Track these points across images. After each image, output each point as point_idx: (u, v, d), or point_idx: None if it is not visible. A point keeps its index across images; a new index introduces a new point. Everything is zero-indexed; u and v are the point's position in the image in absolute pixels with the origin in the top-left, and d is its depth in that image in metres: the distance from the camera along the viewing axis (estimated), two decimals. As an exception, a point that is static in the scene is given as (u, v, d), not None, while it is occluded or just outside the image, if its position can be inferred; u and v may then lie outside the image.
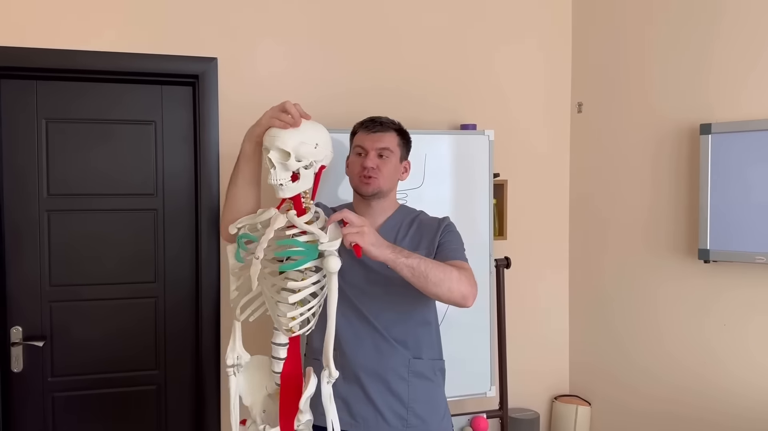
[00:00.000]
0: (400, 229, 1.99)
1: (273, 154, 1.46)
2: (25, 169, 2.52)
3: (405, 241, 1.95)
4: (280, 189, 1.46)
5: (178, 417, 2.72)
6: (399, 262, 1.66)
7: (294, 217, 1.46)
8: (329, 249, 1.45)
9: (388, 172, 1.95)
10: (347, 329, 1.92)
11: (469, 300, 1.78)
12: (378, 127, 1.97)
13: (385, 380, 1.92)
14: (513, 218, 2.95)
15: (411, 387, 1.94)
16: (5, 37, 2.37)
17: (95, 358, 2.61)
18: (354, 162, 1.99)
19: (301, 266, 1.46)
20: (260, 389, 1.65)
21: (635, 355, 2.77)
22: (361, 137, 1.99)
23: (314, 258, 1.46)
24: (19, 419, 2.55)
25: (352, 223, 1.56)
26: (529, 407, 3.00)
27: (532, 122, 3.03)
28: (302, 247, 1.45)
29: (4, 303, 2.50)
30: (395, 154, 1.98)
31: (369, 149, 1.94)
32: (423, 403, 1.96)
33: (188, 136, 2.68)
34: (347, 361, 1.92)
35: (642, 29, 2.72)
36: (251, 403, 1.65)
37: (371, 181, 1.92)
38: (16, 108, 2.50)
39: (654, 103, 2.67)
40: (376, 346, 1.92)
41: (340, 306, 1.85)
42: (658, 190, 2.66)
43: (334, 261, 1.45)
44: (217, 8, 2.59)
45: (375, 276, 1.89)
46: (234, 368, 1.63)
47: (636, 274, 2.76)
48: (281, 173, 1.45)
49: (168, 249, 2.68)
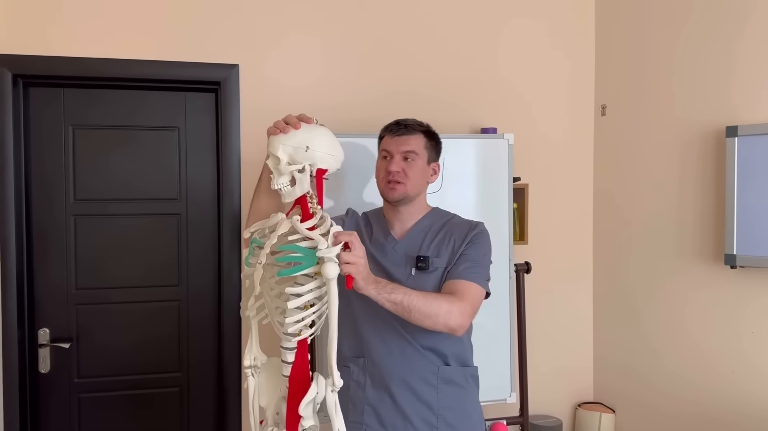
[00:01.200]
0: (428, 234, 1.94)
1: (269, 160, 1.49)
2: (52, 174, 2.58)
3: (430, 248, 1.91)
4: (281, 194, 1.49)
5: (200, 419, 2.75)
6: (381, 297, 1.65)
7: (296, 223, 1.47)
8: (327, 255, 1.44)
9: (414, 175, 1.91)
10: (374, 336, 1.90)
11: (458, 331, 1.76)
12: (403, 130, 1.93)
13: (413, 387, 1.89)
14: (534, 222, 2.92)
15: (440, 394, 1.90)
16: (33, 47, 2.44)
17: (119, 360, 2.66)
18: (380, 166, 1.96)
19: (298, 272, 1.45)
20: (275, 391, 1.66)
21: (660, 362, 2.72)
22: (387, 141, 1.95)
23: (313, 264, 1.46)
24: (47, 419, 2.61)
25: (354, 248, 1.53)
26: (551, 414, 2.97)
27: (554, 125, 3.00)
28: (302, 253, 1.45)
29: (32, 306, 2.57)
30: (421, 157, 1.93)
31: (394, 153, 1.91)
32: (453, 410, 1.92)
33: (211, 141, 2.72)
34: (375, 368, 1.91)
35: (666, 30, 2.68)
36: (267, 404, 1.66)
37: (397, 185, 1.89)
38: (43, 115, 2.57)
39: (679, 105, 2.62)
40: (404, 353, 1.89)
41: (367, 314, 1.87)
42: (684, 194, 2.60)
43: (332, 268, 1.44)
44: (238, 16, 2.62)
45: (400, 284, 1.83)
46: (251, 369, 1.65)
47: (661, 280, 2.71)
48: (279, 178, 1.48)
49: (191, 253, 2.72)
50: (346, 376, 1.97)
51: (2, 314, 2.42)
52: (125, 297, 2.66)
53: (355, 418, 1.93)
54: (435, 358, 1.91)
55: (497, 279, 2.53)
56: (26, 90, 2.52)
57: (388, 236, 1.96)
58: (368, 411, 1.92)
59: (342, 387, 1.97)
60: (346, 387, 1.96)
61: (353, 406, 1.94)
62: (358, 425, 1.93)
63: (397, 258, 1.92)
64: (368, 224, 2.04)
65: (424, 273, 1.88)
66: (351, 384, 1.95)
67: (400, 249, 1.93)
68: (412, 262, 1.90)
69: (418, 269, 1.89)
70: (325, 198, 2.44)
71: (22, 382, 2.48)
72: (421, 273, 1.88)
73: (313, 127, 1.60)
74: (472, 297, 1.81)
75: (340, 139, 2.38)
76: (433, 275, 1.88)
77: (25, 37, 2.43)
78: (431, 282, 1.87)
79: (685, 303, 2.60)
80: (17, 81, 2.46)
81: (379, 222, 2.01)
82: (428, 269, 1.88)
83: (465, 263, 1.86)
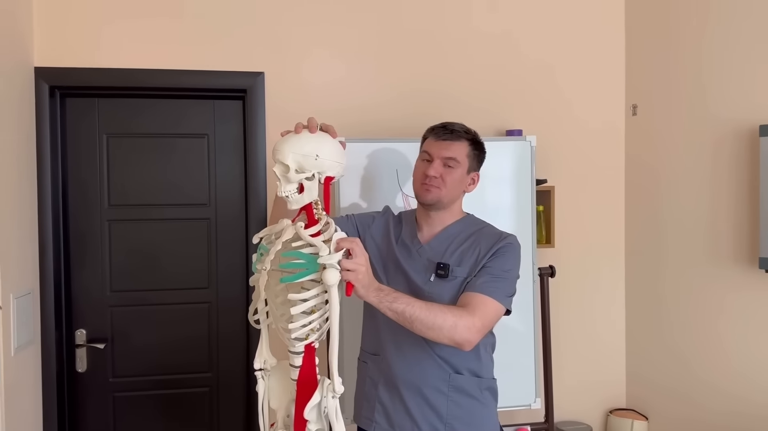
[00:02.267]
0: (454, 241, 1.89)
1: (276, 167, 1.50)
2: (87, 181, 2.69)
3: (453, 256, 1.86)
4: (288, 201, 1.50)
5: (229, 419, 2.81)
6: (383, 306, 1.61)
7: (300, 229, 1.49)
8: (329, 262, 1.45)
9: (452, 182, 1.86)
10: (390, 337, 1.89)
11: (464, 346, 1.69)
12: (448, 135, 1.87)
13: (424, 393, 1.87)
14: (562, 225, 2.87)
15: (450, 403, 1.87)
16: (68, 59, 2.55)
17: (152, 360, 2.75)
18: (418, 167, 1.92)
19: (300, 278, 1.47)
20: (286, 393, 1.68)
21: (694, 367, 2.64)
22: (430, 143, 1.90)
23: (315, 270, 1.46)
24: (84, 417, 2.71)
25: (355, 255, 1.51)
26: (582, 420, 2.91)
27: (584, 126, 2.95)
28: (304, 259, 1.47)
29: (69, 308, 2.68)
30: (462, 165, 1.87)
31: (435, 157, 1.86)
32: (464, 421, 1.88)
33: (238, 147, 2.78)
34: (389, 370, 1.90)
35: (697, 27, 2.60)
36: (277, 406, 1.68)
37: (432, 189, 1.85)
38: (79, 124, 2.68)
39: (711, 103, 2.54)
40: (417, 359, 1.86)
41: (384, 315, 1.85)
42: (717, 196, 2.52)
43: (333, 274, 1.45)
44: (262, 24, 2.68)
45: (417, 289, 1.83)
46: (261, 372, 1.67)
47: (695, 284, 2.63)
48: (286, 185, 1.49)
49: (220, 256, 2.78)
50: (363, 371, 2.02)
51: (41, 316, 2.53)
52: (157, 299, 2.75)
53: (367, 414, 1.96)
54: (447, 366, 1.87)
55: (521, 283, 2.51)
56: (63, 100, 2.64)
57: (415, 239, 1.94)
58: (379, 410, 1.93)
59: (360, 380, 2.02)
60: (362, 381, 2.01)
61: (366, 402, 1.97)
62: (368, 421, 1.95)
63: (419, 262, 1.90)
64: (400, 224, 2.01)
65: (443, 281, 1.84)
66: (367, 380, 1.98)
67: (423, 254, 1.91)
68: (433, 268, 1.86)
69: (437, 276, 1.85)
70: (360, 199, 2.49)
71: (60, 381, 2.59)
72: (439, 281, 1.85)
73: (321, 135, 1.61)
74: (485, 313, 1.72)
75: (368, 145, 2.44)
76: (452, 284, 1.84)
77: (60, 50, 2.54)
78: (449, 291, 1.83)
79: (720, 308, 2.52)
80: (54, 92, 2.57)
81: (410, 224, 1.98)
82: (447, 277, 1.84)
83: (485, 276, 1.79)
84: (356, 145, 2.46)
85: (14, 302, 2.26)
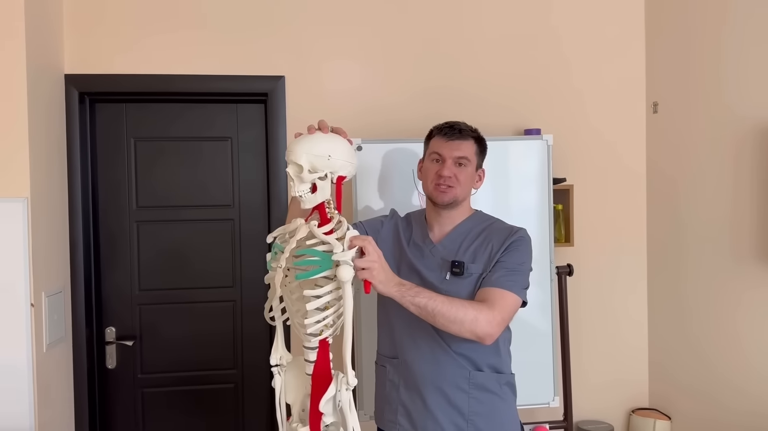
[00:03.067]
0: (466, 239, 1.92)
1: (290, 167, 1.54)
2: (116, 183, 2.78)
3: (467, 253, 1.89)
4: (301, 200, 1.54)
5: (254, 414, 2.88)
6: (405, 300, 1.65)
7: (314, 228, 1.53)
8: (342, 258, 1.49)
9: (465, 181, 1.90)
10: (407, 338, 1.91)
11: (485, 340, 1.71)
12: (457, 135, 1.90)
13: (445, 391, 1.88)
14: (582, 224, 2.87)
15: (472, 400, 1.88)
16: (98, 66, 2.64)
17: (179, 357, 2.83)
18: (429, 168, 1.93)
19: (315, 275, 1.51)
20: (301, 388, 1.71)
21: (718, 367, 2.60)
22: (439, 143, 1.92)
23: (329, 267, 1.50)
24: (114, 412, 2.81)
25: (368, 253, 1.54)
26: (604, 419, 2.90)
27: (604, 124, 2.94)
28: (318, 257, 1.51)
29: (100, 306, 2.77)
30: (472, 163, 1.92)
31: (447, 157, 1.88)
32: (485, 417, 1.89)
33: (261, 150, 2.85)
34: (408, 370, 1.92)
35: (717, 23, 2.58)
36: (293, 401, 1.71)
37: (448, 190, 1.88)
38: (108, 129, 2.78)
39: (733, 100, 2.51)
40: (435, 357, 1.88)
41: (400, 316, 1.88)
42: (739, 193, 2.49)
43: (347, 271, 1.49)
44: (283, 29, 2.74)
45: (434, 288, 1.83)
46: (278, 368, 1.72)
47: (718, 282, 2.60)
48: (299, 185, 1.53)
49: (244, 255, 2.85)
50: (382, 375, 2.03)
51: (72, 314, 2.62)
52: (184, 297, 2.83)
53: (389, 417, 1.98)
54: (467, 364, 1.88)
55: (539, 281, 2.53)
56: (92, 106, 2.74)
57: (426, 239, 1.96)
58: (401, 412, 1.94)
59: (379, 385, 2.04)
60: (382, 385, 2.02)
61: (388, 405, 1.98)
62: (392, 424, 1.97)
63: (433, 262, 1.92)
64: (409, 225, 2.04)
65: (459, 279, 1.87)
66: (387, 383, 1.99)
67: (436, 253, 1.93)
68: (448, 267, 1.89)
69: (452, 274, 1.87)
70: (379, 199, 2.54)
71: (90, 377, 2.68)
72: (455, 279, 1.87)
73: (333, 135, 1.65)
74: (504, 306, 1.76)
75: (385, 145, 2.48)
76: (468, 281, 1.86)
77: (89, 58, 2.64)
78: (466, 288, 1.86)
79: (743, 307, 2.49)
80: (83, 98, 2.67)
81: (420, 224, 2.01)
82: (463, 275, 1.86)
83: (500, 270, 1.82)
84: (374, 146, 2.50)
85: (46, 300, 2.36)
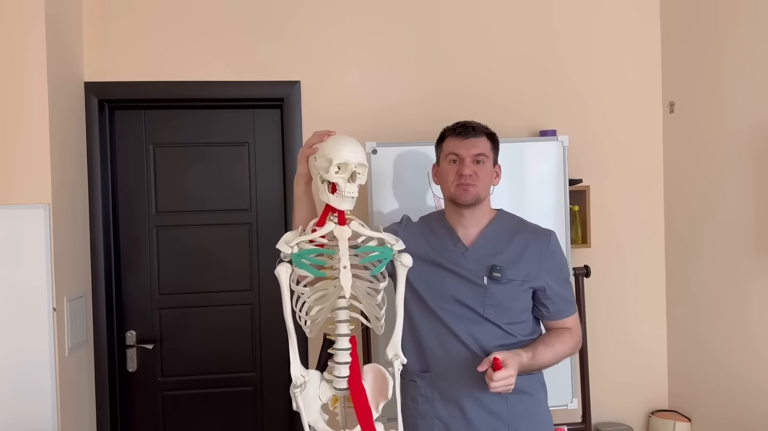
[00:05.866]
0: (499, 240, 1.91)
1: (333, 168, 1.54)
2: (136, 189, 2.82)
3: (503, 256, 1.87)
4: (348, 201, 1.54)
5: (273, 417, 2.90)
6: (534, 369, 1.83)
7: (359, 227, 1.57)
8: (401, 247, 1.59)
9: (485, 178, 1.89)
10: (438, 349, 1.89)
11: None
12: (471, 133, 1.90)
13: (482, 400, 1.85)
14: (599, 225, 2.85)
15: (510, 405, 1.86)
16: (117, 74, 2.69)
17: (198, 360, 2.86)
18: (447, 170, 1.91)
19: (382, 268, 1.57)
20: (315, 401, 1.66)
21: (739, 368, 2.57)
22: (454, 143, 1.90)
23: (390, 257, 1.57)
24: (135, 414, 2.84)
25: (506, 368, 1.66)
26: (623, 421, 2.88)
27: (620, 125, 2.93)
28: (378, 251, 1.56)
29: (120, 310, 2.81)
30: (490, 159, 1.91)
31: (465, 156, 1.87)
32: (525, 420, 1.88)
33: (277, 154, 2.87)
34: (442, 382, 1.89)
35: (734, 21, 2.56)
36: (314, 419, 1.59)
37: (470, 188, 1.85)
38: (127, 135, 2.82)
39: (750, 99, 2.49)
40: (469, 366, 1.80)
41: (429, 327, 1.89)
42: (758, 192, 2.46)
43: (408, 257, 1.60)
44: (297, 34, 2.76)
45: (475, 292, 1.86)
46: (300, 389, 1.57)
47: (737, 282, 2.57)
48: (350, 186, 1.54)
49: (261, 259, 2.88)
50: (412, 390, 1.95)
51: (93, 317, 2.67)
52: (203, 301, 2.86)
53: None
54: None
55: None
56: (111, 113, 2.78)
57: (458, 242, 1.92)
58: (438, 425, 1.89)
59: (410, 400, 1.95)
60: (413, 401, 1.95)
61: (422, 420, 1.92)
62: None
63: (467, 267, 1.89)
64: (431, 231, 1.99)
65: (498, 284, 1.85)
66: (419, 398, 1.93)
67: (470, 257, 1.89)
68: (485, 271, 1.87)
69: (491, 279, 1.85)
70: (393, 202, 2.56)
71: (111, 380, 2.72)
72: (494, 284, 1.86)
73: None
74: (578, 324, 1.99)
75: (399, 149, 2.50)
76: (508, 287, 1.86)
77: (108, 66, 2.68)
78: (507, 294, 1.86)
79: (763, 308, 2.46)
80: (103, 105, 2.71)
81: (445, 228, 1.96)
82: (502, 280, 1.85)
83: (563, 298, 1.93)
84: (388, 149, 2.52)
85: (68, 304, 2.40)
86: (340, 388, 1.59)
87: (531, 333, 1.93)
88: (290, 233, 1.66)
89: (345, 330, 1.57)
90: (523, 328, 1.91)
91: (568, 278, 1.98)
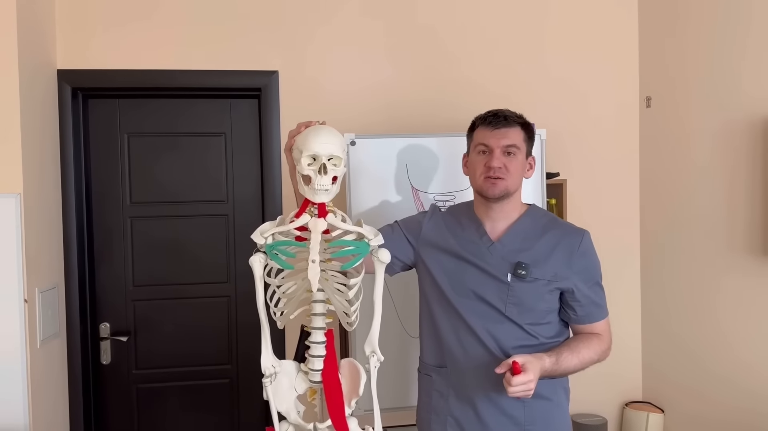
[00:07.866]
0: (527, 237, 1.83)
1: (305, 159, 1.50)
2: (110, 179, 2.78)
3: (529, 254, 1.80)
4: (322, 194, 1.49)
5: (249, 409, 2.88)
6: (557, 374, 1.74)
7: (335, 220, 1.52)
8: (379, 242, 1.53)
9: (515, 170, 1.79)
10: (457, 346, 1.84)
11: None
12: (502, 122, 1.79)
13: (498, 403, 1.80)
14: (575, 218, 2.86)
15: (527, 409, 1.81)
16: (91, 62, 2.63)
17: (173, 353, 2.83)
18: (476, 161, 1.82)
19: (357, 262, 1.52)
20: (290, 392, 1.66)
21: (711, 361, 2.62)
22: (484, 133, 1.80)
23: (367, 252, 1.52)
24: (108, 407, 2.81)
25: (526, 372, 1.58)
26: (597, 413, 2.92)
27: (597, 119, 2.95)
28: (353, 245, 1.51)
29: (94, 302, 2.77)
30: (522, 151, 1.81)
31: (494, 147, 1.77)
32: (541, 424, 1.83)
33: (254, 145, 2.85)
34: (459, 380, 1.85)
35: (711, 17, 2.58)
36: (286, 410, 1.62)
37: (498, 182, 1.77)
38: (101, 125, 2.77)
39: (726, 94, 2.52)
40: (488, 366, 1.75)
41: (449, 323, 1.84)
42: (733, 188, 2.50)
43: (386, 253, 1.55)
44: (276, 23, 2.73)
45: (500, 290, 1.80)
46: (270, 378, 1.61)
47: (711, 277, 2.61)
48: (323, 179, 1.48)
49: (238, 251, 2.86)
50: (427, 384, 1.93)
51: (66, 309, 2.62)
52: (178, 293, 2.83)
53: (437, 428, 1.89)
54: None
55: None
56: (85, 102, 2.73)
57: (484, 236, 1.85)
58: (451, 423, 1.86)
59: (424, 395, 1.95)
60: (427, 395, 1.93)
61: (436, 416, 1.90)
62: None
63: (492, 262, 1.82)
64: (457, 222, 1.92)
65: (522, 282, 1.78)
66: (433, 393, 1.90)
67: (496, 252, 1.82)
68: (510, 268, 1.80)
69: (515, 276, 1.78)
70: (372, 194, 2.53)
71: (85, 373, 2.68)
72: (518, 281, 1.79)
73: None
74: (609, 329, 1.92)
75: (378, 140, 2.48)
76: (533, 286, 1.79)
77: (82, 53, 2.63)
78: (530, 292, 1.79)
79: (737, 302, 2.50)
80: (76, 94, 2.66)
81: (472, 220, 1.89)
82: (527, 278, 1.78)
83: (591, 306, 1.85)
84: (367, 141, 2.49)
85: (40, 296, 2.36)
86: (314, 381, 1.60)
87: (556, 336, 1.86)
88: (268, 223, 1.63)
89: (320, 324, 1.56)
90: (547, 330, 1.84)
91: (599, 281, 1.87)
